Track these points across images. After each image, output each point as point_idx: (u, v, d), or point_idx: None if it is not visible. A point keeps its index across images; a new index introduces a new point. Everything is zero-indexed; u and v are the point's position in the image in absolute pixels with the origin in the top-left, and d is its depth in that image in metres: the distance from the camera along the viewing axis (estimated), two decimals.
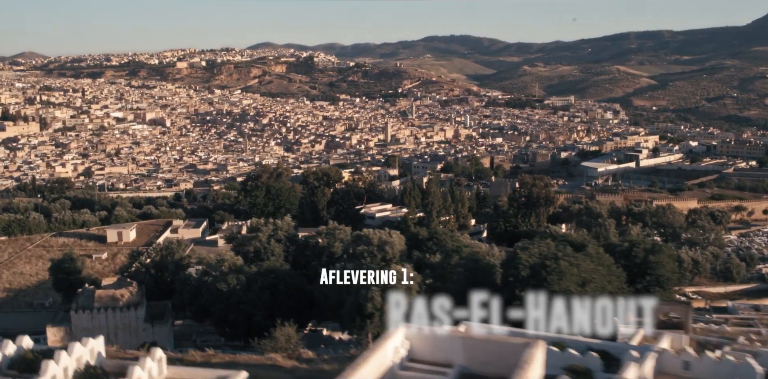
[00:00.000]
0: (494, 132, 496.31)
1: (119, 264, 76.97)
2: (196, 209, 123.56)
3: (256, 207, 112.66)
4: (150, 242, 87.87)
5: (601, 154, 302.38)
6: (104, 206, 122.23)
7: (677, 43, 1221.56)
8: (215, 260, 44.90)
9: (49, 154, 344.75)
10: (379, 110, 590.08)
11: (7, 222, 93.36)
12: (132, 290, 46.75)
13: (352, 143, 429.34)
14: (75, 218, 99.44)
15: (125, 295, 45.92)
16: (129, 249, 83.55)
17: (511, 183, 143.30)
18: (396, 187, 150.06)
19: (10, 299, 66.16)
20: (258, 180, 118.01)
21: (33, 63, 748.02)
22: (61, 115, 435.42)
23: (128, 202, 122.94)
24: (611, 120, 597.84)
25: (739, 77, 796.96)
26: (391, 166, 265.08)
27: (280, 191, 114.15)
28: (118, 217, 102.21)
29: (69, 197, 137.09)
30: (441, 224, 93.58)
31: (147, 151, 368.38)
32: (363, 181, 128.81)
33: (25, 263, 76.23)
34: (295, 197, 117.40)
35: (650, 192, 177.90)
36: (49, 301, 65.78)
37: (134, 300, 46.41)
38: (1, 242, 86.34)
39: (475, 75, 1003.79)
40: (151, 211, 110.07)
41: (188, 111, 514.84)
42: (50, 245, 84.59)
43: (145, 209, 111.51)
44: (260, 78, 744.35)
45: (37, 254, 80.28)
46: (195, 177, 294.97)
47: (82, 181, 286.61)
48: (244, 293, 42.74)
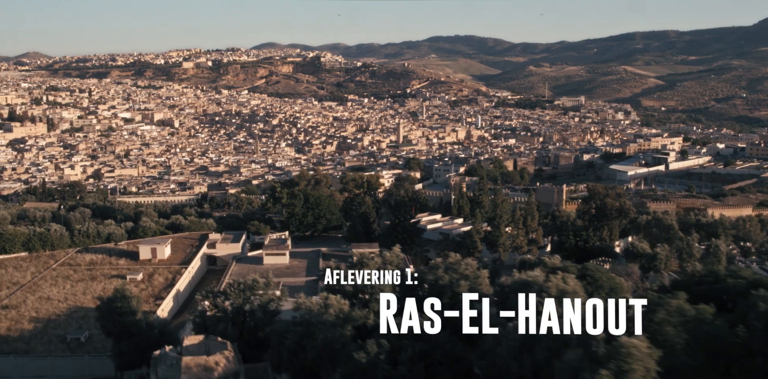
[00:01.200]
0: (507, 133, 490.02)
1: (158, 287, 68.07)
2: (226, 218, 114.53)
3: (294, 217, 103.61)
4: (187, 259, 78.98)
5: (625, 157, 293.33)
6: (127, 215, 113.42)
7: (683, 44, 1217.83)
8: (317, 305, 35.50)
9: (58, 155, 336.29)
10: (388, 111, 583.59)
11: (27, 236, 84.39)
12: (228, 356, 36.66)
13: (364, 144, 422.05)
14: (100, 230, 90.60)
15: (221, 363, 35.84)
16: (165, 267, 74.74)
17: (558, 190, 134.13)
18: (437, 195, 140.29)
19: (38, 332, 57.16)
20: (295, 187, 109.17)
21: (38, 63, 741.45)
22: (68, 116, 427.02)
23: (153, 210, 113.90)
24: (623, 121, 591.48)
25: (747, 78, 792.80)
26: (413, 169, 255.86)
27: (319, 199, 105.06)
28: (145, 229, 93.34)
29: (88, 205, 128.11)
30: (509, 240, 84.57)
31: (157, 153, 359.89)
32: (405, 189, 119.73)
33: (51, 286, 67.46)
34: (335, 205, 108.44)
35: (693, 198, 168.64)
36: (85, 335, 56.81)
37: (232, 369, 36.31)
38: (21, 259, 77.69)
39: (480, 75, 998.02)
40: (179, 221, 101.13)
41: (196, 112, 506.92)
42: (76, 262, 75.87)
43: (173, 219, 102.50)
44: (267, 78, 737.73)
45: (64, 273, 71.51)
46: (208, 180, 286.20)
47: (93, 183, 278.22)
48: (393, 367, 31.74)
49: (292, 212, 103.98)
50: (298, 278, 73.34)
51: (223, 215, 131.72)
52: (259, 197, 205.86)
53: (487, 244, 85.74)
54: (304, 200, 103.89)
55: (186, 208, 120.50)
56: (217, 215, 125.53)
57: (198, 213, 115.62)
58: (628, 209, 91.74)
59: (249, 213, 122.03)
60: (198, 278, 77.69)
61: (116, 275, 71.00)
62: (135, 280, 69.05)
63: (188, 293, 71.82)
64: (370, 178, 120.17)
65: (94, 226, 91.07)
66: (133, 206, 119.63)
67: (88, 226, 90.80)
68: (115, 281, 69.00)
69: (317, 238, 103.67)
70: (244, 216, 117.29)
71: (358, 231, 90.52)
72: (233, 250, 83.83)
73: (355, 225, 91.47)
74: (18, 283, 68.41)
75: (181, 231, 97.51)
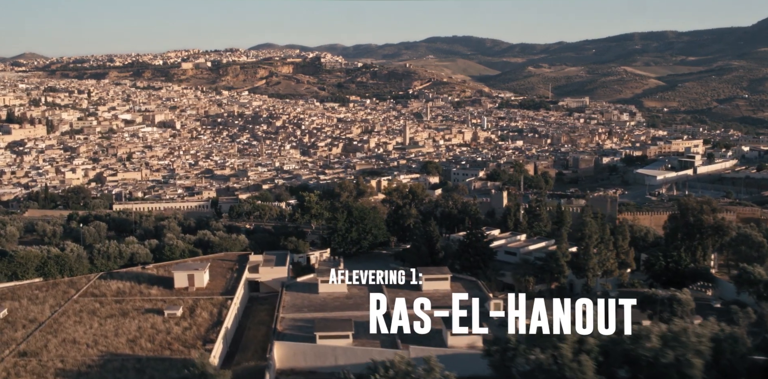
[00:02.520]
0: (513, 135, 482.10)
1: (203, 325, 57.01)
2: (256, 233, 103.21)
3: (337, 233, 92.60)
4: (230, 287, 67.97)
5: (647, 160, 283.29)
6: (147, 229, 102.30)
7: (682, 44, 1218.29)
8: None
9: (58, 158, 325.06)
10: (391, 112, 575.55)
11: (41, 259, 73.27)
12: None
13: (370, 146, 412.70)
14: (122, 249, 79.61)
15: None
16: (206, 298, 63.74)
17: (612, 199, 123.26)
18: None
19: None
20: (336, 199, 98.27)
21: (35, 64, 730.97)
22: (68, 118, 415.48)
23: (175, 223, 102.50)
24: (628, 122, 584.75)
25: (748, 78, 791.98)
26: (430, 174, 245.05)
27: (364, 212, 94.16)
28: (172, 247, 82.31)
29: (101, 217, 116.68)
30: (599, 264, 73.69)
31: (160, 156, 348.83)
32: (454, 200, 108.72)
33: (76, 324, 56.49)
34: (380, 219, 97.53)
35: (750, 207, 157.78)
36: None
37: None
38: (36, 287, 66.54)
39: (479, 76, 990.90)
40: (207, 237, 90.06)
41: (198, 113, 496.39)
42: (101, 292, 64.79)
43: (201, 235, 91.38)
44: (267, 79, 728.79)
45: (89, 307, 60.45)
46: (215, 184, 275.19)
47: (96, 187, 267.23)
48: None
49: (334, 227, 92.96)
50: (363, 311, 62.47)
51: (247, 226, 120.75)
52: (276, 204, 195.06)
53: (573, 268, 74.84)
54: (347, 213, 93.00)
55: (211, 221, 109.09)
56: (245, 227, 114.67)
57: (226, 228, 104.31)
58: (727, 227, 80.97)
59: (281, 227, 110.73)
60: (242, 310, 66.73)
61: (151, 309, 59.91)
62: (174, 316, 58.11)
63: (234, 329, 61.00)
64: (414, 188, 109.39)
65: (115, 245, 79.96)
66: (153, 219, 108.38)
67: (109, 245, 79.75)
68: (152, 317, 58.00)
69: (362, 255, 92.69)
70: (275, 230, 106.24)
71: (422, 252, 79.55)
72: (279, 274, 72.82)
73: (419, 246, 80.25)
74: (36, 320, 57.40)
75: (212, 250, 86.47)
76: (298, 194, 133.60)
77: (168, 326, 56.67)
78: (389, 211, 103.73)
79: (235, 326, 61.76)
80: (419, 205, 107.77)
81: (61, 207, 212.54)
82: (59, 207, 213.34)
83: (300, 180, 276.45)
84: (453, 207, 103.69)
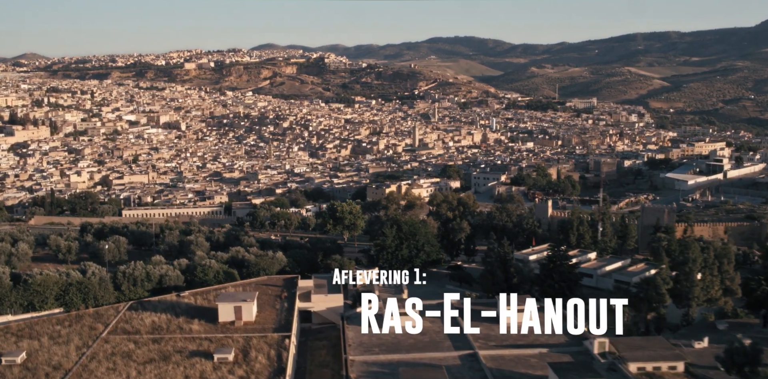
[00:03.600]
0: (523, 136, 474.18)
1: (262, 374, 47.42)
2: (289, 248, 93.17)
3: (386, 251, 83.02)
4: (282, 321, 58.28)
5: (671, 164, 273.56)
6: (171, 245, 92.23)
7: (685, 45, 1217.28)
8: None
9: (62, 161, 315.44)
10: (397, 113, 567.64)
11: (61, 285, 63.56)
12: None
13: (379, 148, 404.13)
14: (149, 271, 70.01)
15: None
16: (259, 337, 54.09)
17: (670, 209, 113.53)
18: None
19: None
20: (384, 211, 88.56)
21: (36, 64, 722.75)
22: (71, 119, 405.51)
23: (203, 238, 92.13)
24: (637, 123, 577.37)
25: (753, 79, 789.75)
26: (451, 178, 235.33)
27: (414, 227, 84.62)
28: (205, 268, 72.58)
29: (118, 229, 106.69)
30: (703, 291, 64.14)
31: (167, 158, 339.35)
32: (508, 212, 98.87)
33: (110, 372, 46.84)
34: (432, 235, 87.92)
35: None
36: None
37: None
38: (57, 321, 56.81)
39: (482, 76, 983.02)
40: (242, 255, 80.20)
41: (203, 114, 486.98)
42: (134, 328, 55.18)
43: (233, 252, 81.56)
44: (271, 79, 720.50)
45: (123, 349, 50.80)
46: (226, 187, 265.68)
47: (102, 191, 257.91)
48: None
49: (382, 244, 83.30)
50: (444, 352, 53.01)
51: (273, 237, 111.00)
52: (295, 210, 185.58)
53: (672, 296, 65.31)
54: (396, 228, 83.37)
55: (242, 235, 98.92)
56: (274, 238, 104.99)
57: (260, 243, 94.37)
58: None
59: (317, 242, 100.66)
60: (297, 347, 57.10)
61: (197, 351, 50.25)
62: (226, 361, 48.47)
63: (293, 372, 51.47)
64: (464, 199, 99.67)
65: (141, 267, 70.23)
66: (177, 233, 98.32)
67: (135, 267, 70.05)
68: (199, 363, 48.35)
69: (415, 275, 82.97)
70: (312, 245, 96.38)
71: (497, 277, 69.86)
72: (334, 303, 63.12)
73: (494, 269, 70.53)
74: (60, 366, 47.84)
75: (247, 270, 76.74)
76: (329, 203, 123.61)
77: (221, 375, 47.12)
78: (439, 225, 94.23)
79: (293, 368, 52.16)
80: (469, 217, 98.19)
81: (68, 212, 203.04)
82: (66, 212, 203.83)
83: (313, 184, 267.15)
84: (508, 220, 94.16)
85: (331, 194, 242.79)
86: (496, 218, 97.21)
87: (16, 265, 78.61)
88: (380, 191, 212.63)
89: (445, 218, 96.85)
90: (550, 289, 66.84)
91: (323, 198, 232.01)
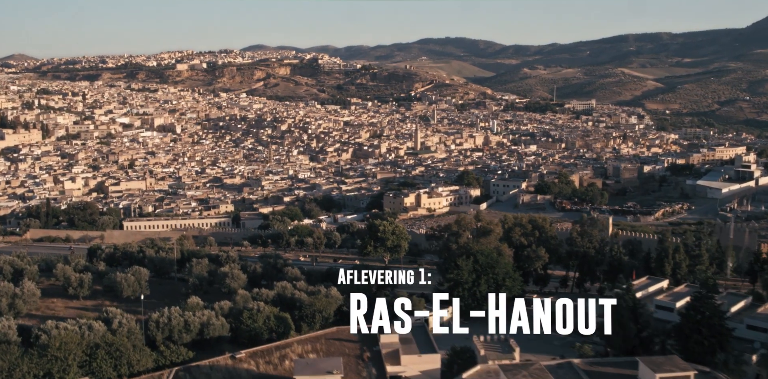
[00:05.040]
0: (526, 139, 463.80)
1: None
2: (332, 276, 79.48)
3: (462, 287, 70.41)
4: None
5: (694, 169, 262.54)
6: (201, 277, 77.97)
7: (677, 46, 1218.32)
8: None
9: (56, 166, 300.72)
10: (395, 115, 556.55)
11: (85, 347, 49.77)
12: None
13: (381, 152, 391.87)
14: (188, 320, 56.92)
15: None
16: None
17: (752, 229, 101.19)
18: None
19: None
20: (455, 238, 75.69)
21: (25, 65, 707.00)
22: (63, 121, 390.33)
23: (239, 270, 78.08)
24: (637, 125, 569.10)
25: (747, 80, 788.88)
26: (470, 186, 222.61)
27: (492, 259, 72.01)
28: (253, 314, 59.45)
29: (132, 254, 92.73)
30: None
31: (164, 163, 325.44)
32: (590, 236, 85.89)
33: None
34: (510, 265, 75.26)
35: None
36: None
37: None
38: None
39: (474, 78, 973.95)
40: (291, 294, 66.38)
41: (198, 116, 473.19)
42: None
43: (280, 289, 67.98)
44: (265, 81, 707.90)
45: None
46: (229, 195, 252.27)
47: (99, 199, 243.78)
48: None
49: (457, 278, 70.64)
50: None
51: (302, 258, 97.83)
52: (310, 223, 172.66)
53: None
54: (472, 260, 70.77)
55: (283, 265, 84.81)
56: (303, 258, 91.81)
57: (307, 277, 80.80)
58: None
59: (365, 268, 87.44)
60: None
61: None
62: None
63: None
64: (539, 223, 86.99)
65: (177, 315, 57.06)
66: (206, 262, 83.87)
67: (170, 315, 56.87)
68: None
69: None
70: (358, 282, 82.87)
71: (629, 331, 56.55)
72: (429, 365, 49.95)
73: (626, 323, 56.76)
74: None
75: (300, 312, 63.83)
76: (370, 222, 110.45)
77: None
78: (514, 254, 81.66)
79: None
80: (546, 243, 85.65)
81: (65, 223, 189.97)
82: (63, 223, 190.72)
83: (320, 191, 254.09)
84: (590, 247, 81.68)
85: (342, 203, 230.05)
86: (579, 244, 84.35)
87: (21, 309, 65.01)
88: (398, 200, 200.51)
89: (519, 243, 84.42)
90: (699, 346, 54.19)
91: (335, 207, 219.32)
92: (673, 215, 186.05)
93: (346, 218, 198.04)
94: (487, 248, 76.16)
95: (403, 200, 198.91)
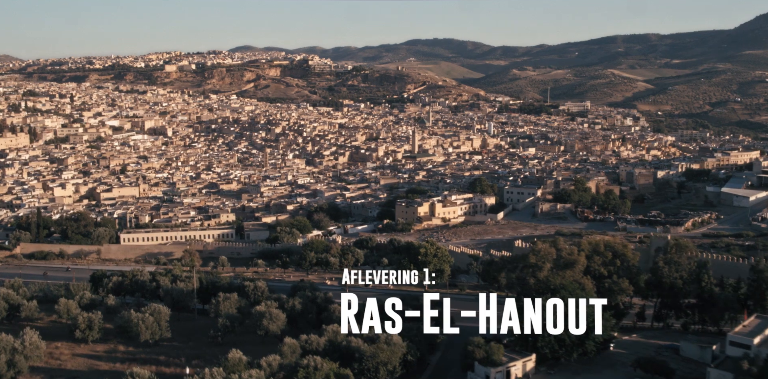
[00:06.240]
0: (524, 141, 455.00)
1: None
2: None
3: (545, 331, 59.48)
4: None
5: (711, 174, 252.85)
6: (232, 317, 65.23)
7: (665, 47, 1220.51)
8: None
9: (44, 171, 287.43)
10: (388, 117, 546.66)
11: None
12: None
13: (378, 155, 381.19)
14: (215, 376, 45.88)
15: None
16: None
17: None
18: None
19: None
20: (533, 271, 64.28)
21: (10, 66, 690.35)
22: (51, 125, 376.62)
23: (278, 309, 65.97)
24: (633, 127, 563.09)
25: (737, 81, 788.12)
26: (485, 193, 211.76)
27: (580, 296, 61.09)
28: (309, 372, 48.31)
29: (143, 284, 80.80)
30: None
31: (157, 168, 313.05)
32: (678, 265, 74.62)
33: None
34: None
35: None
36: None
37: None
38: None
39: (463, 79, 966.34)
40: (348, 343, 55.56)
41: (190, 119, 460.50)
42: None
43: (332, 335, 56.89)
44: (255, 82, 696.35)
45: None
46: (228, 202, 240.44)
47: (90, 206, 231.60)
48: None
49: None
50: None
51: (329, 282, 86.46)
52: (320, 236, 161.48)
53: None
54: None
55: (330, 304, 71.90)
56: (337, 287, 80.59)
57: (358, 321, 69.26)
58: None
59: (411, 299, 75.49)
60: None
61: None
62: None
63: None
64: (619, 249, 75.86)
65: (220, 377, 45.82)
66: (236, 298, 71.24)
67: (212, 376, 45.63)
68: None
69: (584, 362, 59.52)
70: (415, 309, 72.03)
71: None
72: None
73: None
74: None
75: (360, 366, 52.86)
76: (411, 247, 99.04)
77: None
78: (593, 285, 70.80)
79: None
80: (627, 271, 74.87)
81: (57, 235, 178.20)
82: (55, 235, 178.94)
83: (323, 198, 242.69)
84: (677, 276, 71.10)
85: (348, 211, 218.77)
86: (665, 274, 73.27)
87: (23, 367, 53.26)
88: (411, 209, 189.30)
89: (598, 274, 73.59)
90: None
91: (342, 216, 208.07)
92: (703, 226, 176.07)
93: (356, 228, 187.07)
94: (570, 283, 65.16)
95: (416, 210, 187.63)
